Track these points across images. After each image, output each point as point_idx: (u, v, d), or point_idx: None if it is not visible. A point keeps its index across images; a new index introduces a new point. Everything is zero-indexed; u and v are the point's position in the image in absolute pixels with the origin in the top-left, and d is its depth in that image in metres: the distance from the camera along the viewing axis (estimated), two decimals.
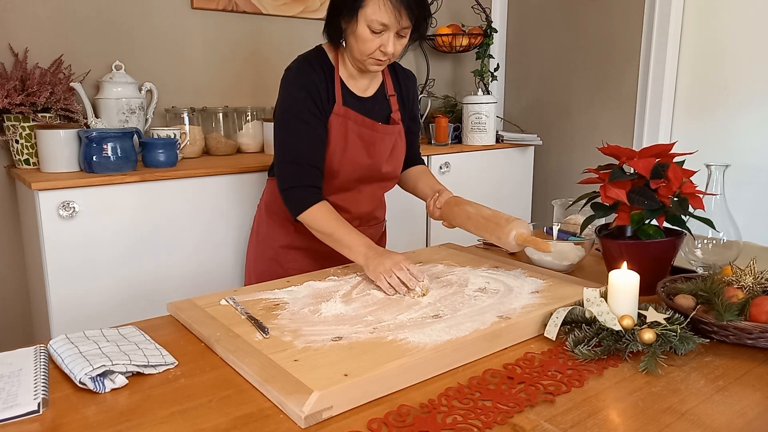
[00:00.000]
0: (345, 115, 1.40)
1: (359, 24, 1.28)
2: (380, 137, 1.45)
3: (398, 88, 1.52)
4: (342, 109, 1.39)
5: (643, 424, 0.74)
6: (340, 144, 1.40)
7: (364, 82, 1.45)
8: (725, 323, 0.94)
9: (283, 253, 1.54)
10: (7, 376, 0.83)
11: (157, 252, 1.77)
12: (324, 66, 1.40)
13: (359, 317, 1.01)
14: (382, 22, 1.26)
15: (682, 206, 1.14)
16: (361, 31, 1.28)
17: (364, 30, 1.28)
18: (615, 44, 2.64)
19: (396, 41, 1.31)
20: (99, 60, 2.04)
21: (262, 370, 0.82)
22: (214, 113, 2.22)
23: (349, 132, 1.41)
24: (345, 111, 1.40)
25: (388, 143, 1.47)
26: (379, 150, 1.45)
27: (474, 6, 2.87)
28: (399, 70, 1.53)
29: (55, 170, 1.72)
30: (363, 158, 1.44)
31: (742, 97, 2.31)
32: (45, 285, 1.63)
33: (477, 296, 1.10)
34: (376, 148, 1.45)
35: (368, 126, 1.43)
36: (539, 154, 2.97)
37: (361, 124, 1.42)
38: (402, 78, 1.53)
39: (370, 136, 1.43)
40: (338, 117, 1.39)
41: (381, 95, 1.48)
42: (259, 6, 2.35)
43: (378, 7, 1.25)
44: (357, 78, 1.44)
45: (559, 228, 1.53)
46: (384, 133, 1.46)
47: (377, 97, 1.48)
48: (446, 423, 0.73)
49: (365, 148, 1.43)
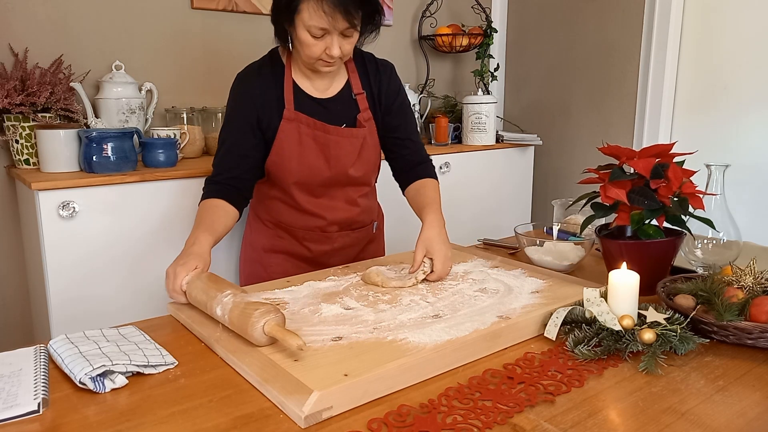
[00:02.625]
0: (296, 120, 1.36)
1: (299, 29, 1.24)
2: (338, 141, 1.39)
3: (367, 84, 1.43)
4: (293, 113, 1.36)
5: (643, 424, 0.74)
6: (296, 149, 1.37)
7: (323, 83, 1.39)
8: (725, 323, 0.94)
9: (266, 257, 1.54)
10: (7, 376, 0.83)
11: (157, 252, 1.77)
12: (275, 71, 1.37)
13: (359, 317, 1.01)
14: (319, 27, 1.22)
15: (682, 206, 1.14)
16: (302, 35, 1.24)
17: (305, 35, 1.24)
18: (615, 44, 2.64)
19: (342, 42, 1.25)
20: (99, 60, 2.04)
21: (262, 370, 0.82)
22: (214, 113, 2.22)
23: (303, 137, 1.37)
24: (296, 115, 1.36)
25: (350, 147, 1.41)
26: (338, 154, 1.40)
27: (474, 6, 2.87)
28: (370, 65, 1.43)
29: (55, 170, 1.72)
30: (321, 163, 1.39)
31: (742, 97, 2.31)
32: (45, 285, 1.63)
33: (477, 296, 1.10)
34: (334, 152, 1.39)
35: (322, 129, 1.37)
36: (539, 154, 2.97)
37: (314, 128, 1.37)
38: (372, 72, 1.43)
39: (325, 140, 1.38)
40: (290, 122, 1.36)
41: (346, 95, 1.41)
42: (259, 6, 2.35)
43: (311, 13, 1.20)
44: (313, 79, 1.39)
45: (559, 228, 1.53)
46: (342, 136, 1.39)
47: (341, 98, 1.41)
48: (446, 423, 0.73)
49: (322, 153, 1.39)
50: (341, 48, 1.26)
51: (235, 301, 0.93)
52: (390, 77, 1.46)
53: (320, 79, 1.39)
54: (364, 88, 1.43)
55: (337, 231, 1.51)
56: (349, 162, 1.42)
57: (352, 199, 1.49)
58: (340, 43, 1.25)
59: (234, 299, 0.94)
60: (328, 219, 1.47)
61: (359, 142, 1.42)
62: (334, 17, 1.20)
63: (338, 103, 1.41)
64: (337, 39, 1.25)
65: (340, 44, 1.25)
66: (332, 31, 1.23)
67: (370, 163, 1.47)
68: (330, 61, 1.28)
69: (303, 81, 1.38)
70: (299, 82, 1.38)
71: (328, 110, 1.40)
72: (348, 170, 1.43)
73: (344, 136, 1.39)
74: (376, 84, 1.44)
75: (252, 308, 0.89)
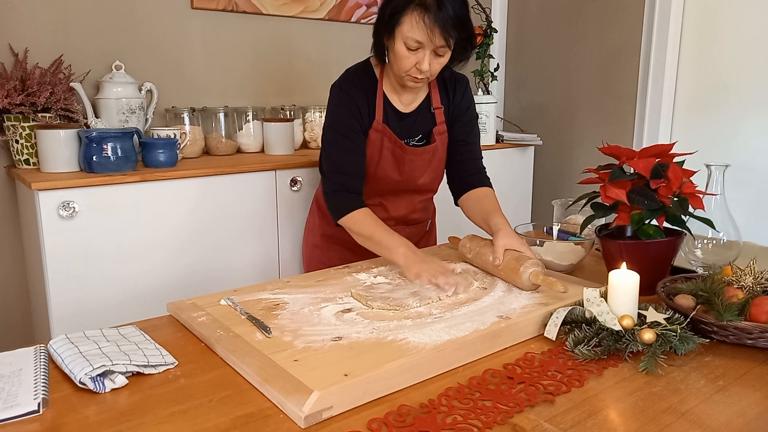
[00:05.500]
0: (382, 132, 1.45)
1: (396, 41, 1.31)
2: (412, 158, 1.48)
3: (445, 98, 1.50)
4: (380, 125, 1.45)
5: (643, 424, 0.74)
6: (375, 158, 1.47)
7: (408, 97, 1.47)
8: (725, 323, 0.94)
9: (326, 244, 1.65)
10: (7, 376, 0.83)
11: (157, 252, 1.77)
12: (368, 81, 1.45)
13: (359, 318, 1.01)
14: (416, 39, 1.28)
15: (682, 206, 1.14)
16: (398, 48, 1.31)
17: (401, 47, 1.31)
18: (615, 44, 2.64)
19: (433, 59, 1.31)
20: (99, 60, 2.04)
21: (262, 370, 0.82)
22: (214, 113, 2.22)
23: (384, 148, 1.46)
24: (383, 128, 1.45)
25: (421, 161, 1.50)
26: (410, 168, 1.50)
27: (474, 6, 2.87)
28: (448, 79, 1.50)
29: (55, 170, 1.72)
30: (394, 174, 1.50)
31: (742, 97, 2.31)
32: (45, 285, 1.63)
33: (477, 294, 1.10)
34: (407, 166, 1.49)
35: (400, 147, 1.47)
36: (539, 154, 2.97)
37: (394, 143, 1.46)
38: (450, 87, 1.50)
39: (401, 156, 1.48)
40: (376, 132, 1.45)
41: (425, 109, 1.49)
42: (259, 6, 2.35)
43: (412, 25, 1.27)
44: (401, 93, 1.46)
45: (559, 228, 1.53)
46: (416, 154, 1.48)
47: (420, 111, 1.49)
48: (446, 423, 0.73)
49: (396, 165, 1.49)
50: (431, 65, 1.32)
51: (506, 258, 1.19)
52: (464, 91, 1.53)
53: (407, 94, 1.47)
54: (443, 102, 1.50)
55: (394, 225, 1.56)
56: (419, 174, 1.52)
57: (414, 202, 1.59)
58: (431, 61, 1.31)
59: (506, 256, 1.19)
60: (389, 213, 1.56)
61: (430, 156, 1.50)
62: (432, 31, 1.26)
63: (418, 116, 1.49)
64: (429, 55, 1.30)
65: (430, 61, 1.31)
66: (427, 46, 1.29)
67: (438, 172, 1.56)
68: (419, 77, 1.34)
69: (392, 94, 1.47)
70: (388, 94, 1.46)
71: (408, 123, 1.48)
72: (417, 180, 1.53)
73: (415, 153, 1.49)
74: (452, 97, 1.51)
75: (522, 259, 1.15)
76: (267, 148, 2.22)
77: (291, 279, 1.23)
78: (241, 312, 1.03)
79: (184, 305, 1.08)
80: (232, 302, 1.08)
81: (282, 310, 1.05)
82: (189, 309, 1.06)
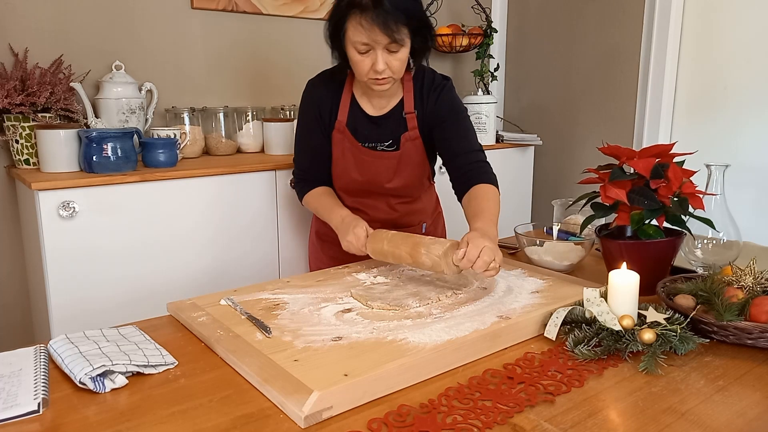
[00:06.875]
0: (343, 133, 1.46)
1: (348, 48, 1.31)
2: (372, 161, 1.47)
3: (420, 103, 1.45)
4: (342, 127, 1.45)
5: (643, 424, 0.74)
6: (339, 159, 1.49)
7: (381, 102, 1.46)
8: (725, 323, 0.94)
9: (325, 243, 1.65)
10: (7, 376, 0.83)
11: (157, 252, 1.77)
12: (336, 83, 1.45)
13: (359, 318, 1.01)
14: (362, 42, 1.26)
15: (682, 206, 1.14)
16: (351, 54, 1.31)
17: (353, 52, 1.30)
18: (615, 44, 2.64)
19: (388, 57, 1.29)
20: (99, 60, 2.04)
21: (262, 370, 0.82)
22: (214, 113, 2.22)
23: (345, 150, 1.47)
24: (344, 129, 1.45)
25: (383, 167, 1.48)
26: (374, 171, 1.48)
27: (474, 6, 2.87)
28: (427, 83, 1.45)
29: (55, 170, 1.71)
30: (356, 175, 1.49)
31: (742, 97, 2.31)
32: (45, 285, 1.63)
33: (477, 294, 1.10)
34: (369, 169, 1.48)
35: (360, 150, 1.46)
36: (539, 154, 2.97)
37: (354, 146, 1.46)
38: (426, 92, 1.45)
39: (361, 159, 1.47)
40: (339, 133, 1.46)
41: (397, 113, 1.46)
42: (259, 6, 2.35)
43: (355, 28, 1.26)
44: (372, 97, 1.45)
45: (559, 228, 1.53)
46: (376, 158, 1.47)
47: (392, 116, 1.46)
48: (446, 423, 0.73)
49: (357, 167, 1.48)
50: (389, 64, 1.29)
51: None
52: (440, 95, 1.45)
53: (378, 98, 1.45)
54: (416, 107, 1.45)
55: (380, 227, 1.52)
56: (385, 178, 1.50)
57: (392, 205, 1.57)
58: (387, 60, 1.29)
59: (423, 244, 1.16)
60: (370, 216, 1.55)
61: (394, 162, 1.48)
62: (372, 31, 1.24)
63: (389, 121, 1.47)
64: (383, 54, 1.28)
65: (386, 60, 1.29)
66: (375, 46, 1.27)
67: (411, 178, 1.52)
68: (378, 77, 1.31)
69: (362, 98, 1.46)
70: (359, 98, 1.46)
71: (379, 127, 1.47)
72: (384, 184, 1.51)
73: (378, 158, 1.47)
74: (427, 103, 1.46)
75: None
76: (267, 148, 2.22)
77: (291, 279, 1.23)
78: (241, 312, 1.03)
79: (184, 305, 1.08)
80: (232, 302, 1.08)
81: (282, 310, 1.05)
82: (189, 309, 1.06)
